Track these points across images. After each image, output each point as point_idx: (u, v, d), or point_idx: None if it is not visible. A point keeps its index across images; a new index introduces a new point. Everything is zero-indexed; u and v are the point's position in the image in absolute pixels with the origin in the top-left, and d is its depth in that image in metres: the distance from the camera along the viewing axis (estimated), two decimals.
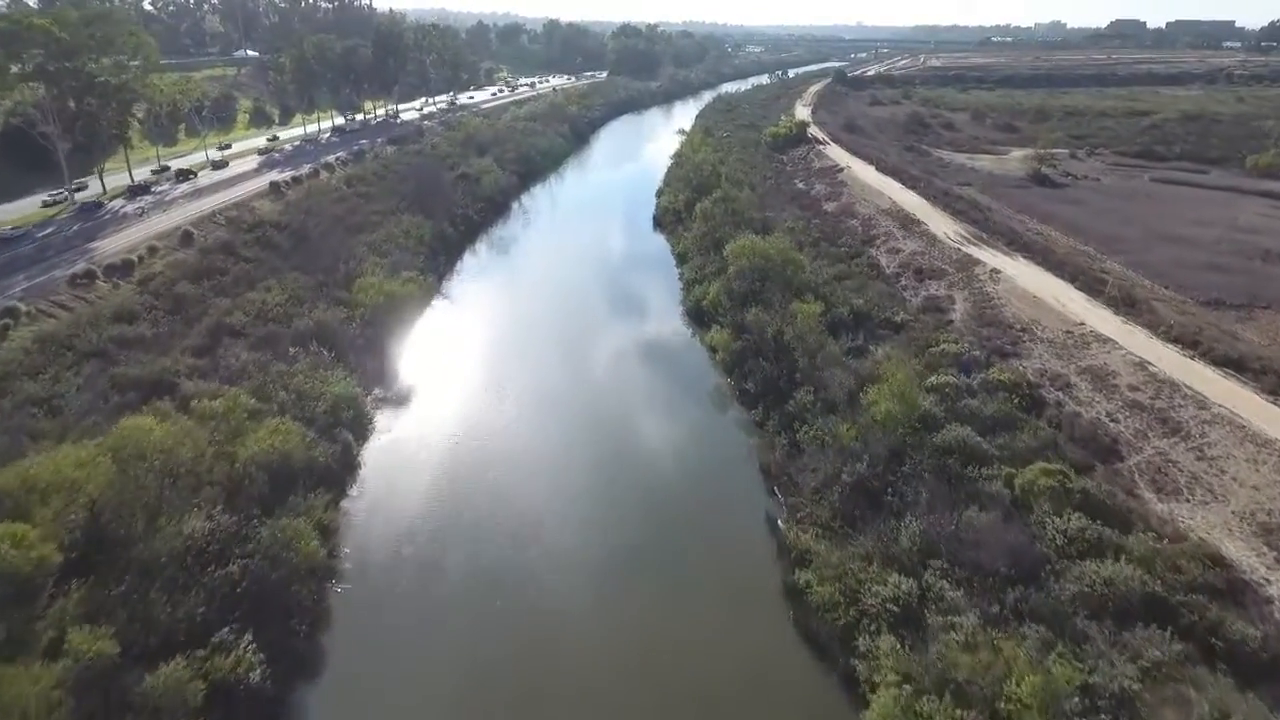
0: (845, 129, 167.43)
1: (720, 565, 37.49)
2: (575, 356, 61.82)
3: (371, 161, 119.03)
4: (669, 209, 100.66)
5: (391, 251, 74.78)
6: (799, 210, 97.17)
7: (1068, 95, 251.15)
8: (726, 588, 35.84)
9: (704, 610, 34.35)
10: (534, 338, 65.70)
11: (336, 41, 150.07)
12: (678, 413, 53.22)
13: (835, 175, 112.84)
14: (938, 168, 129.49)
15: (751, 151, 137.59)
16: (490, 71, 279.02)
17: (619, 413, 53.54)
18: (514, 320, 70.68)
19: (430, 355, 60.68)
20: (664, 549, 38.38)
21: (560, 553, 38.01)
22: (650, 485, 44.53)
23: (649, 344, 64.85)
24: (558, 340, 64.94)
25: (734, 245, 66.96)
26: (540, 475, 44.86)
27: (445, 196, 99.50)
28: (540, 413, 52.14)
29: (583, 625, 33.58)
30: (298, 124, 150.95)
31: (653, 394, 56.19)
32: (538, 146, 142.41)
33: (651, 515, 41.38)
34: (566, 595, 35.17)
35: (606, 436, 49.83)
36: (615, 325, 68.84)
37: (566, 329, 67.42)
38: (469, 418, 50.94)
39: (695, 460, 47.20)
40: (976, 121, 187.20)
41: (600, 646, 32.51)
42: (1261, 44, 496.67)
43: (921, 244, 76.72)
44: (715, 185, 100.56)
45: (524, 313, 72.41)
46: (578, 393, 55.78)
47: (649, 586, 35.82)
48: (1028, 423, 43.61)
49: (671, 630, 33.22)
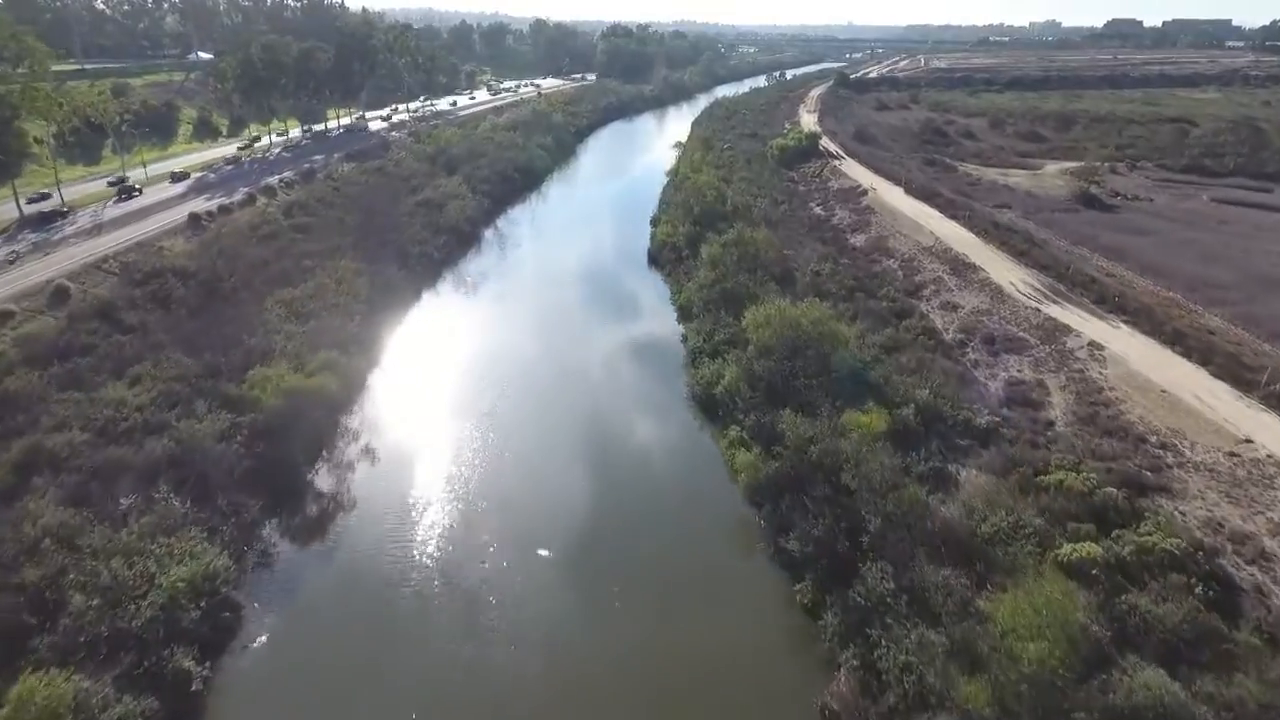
0: (857, 139, 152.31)
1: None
2: (546, 483, 44.53)
3: (321, 183, 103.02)
4: (667, 243, 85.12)
5: (317, 313, 58.64)
6: (820, 244, 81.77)
7: (1083, 98, 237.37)
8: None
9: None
10: (492, 448, 47.96)
11: (291, 44, 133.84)
12: (686, 586, 36.10)
13: (858, 198, 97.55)
14: (967, 186, 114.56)
15: (758, 168, 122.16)
16: (472, 75, 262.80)
17: (601, 596, 35.43)
18: (465, 420, 50.98)
19: (340, 489, 42.93)
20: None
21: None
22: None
23: (644, 451, 48.58)
24: (526, 455, 47.40)
25: (754, 314, 51.38)
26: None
27: (400, 230, 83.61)
28: (500, 589, 35.82)
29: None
30: (250, 134, 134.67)
31: (653, 542, 39.30)
32: (516, 162, 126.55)
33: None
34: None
35: (580, 642, 33.16)
36: (600, 422, 51.99)
37: (538, 432, 50.29)
38: (394, 606, 34.43)
39: (716, 680, 30.89)
40: (996, 129, 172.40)
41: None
42: (1266, 43, 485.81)
43: (984, 298, 61.37)
44: (721, 214, 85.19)
45: (481, 405, 53.00)
46: (541, 558, 39.79)
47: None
48: (1227, 639, 28.29)
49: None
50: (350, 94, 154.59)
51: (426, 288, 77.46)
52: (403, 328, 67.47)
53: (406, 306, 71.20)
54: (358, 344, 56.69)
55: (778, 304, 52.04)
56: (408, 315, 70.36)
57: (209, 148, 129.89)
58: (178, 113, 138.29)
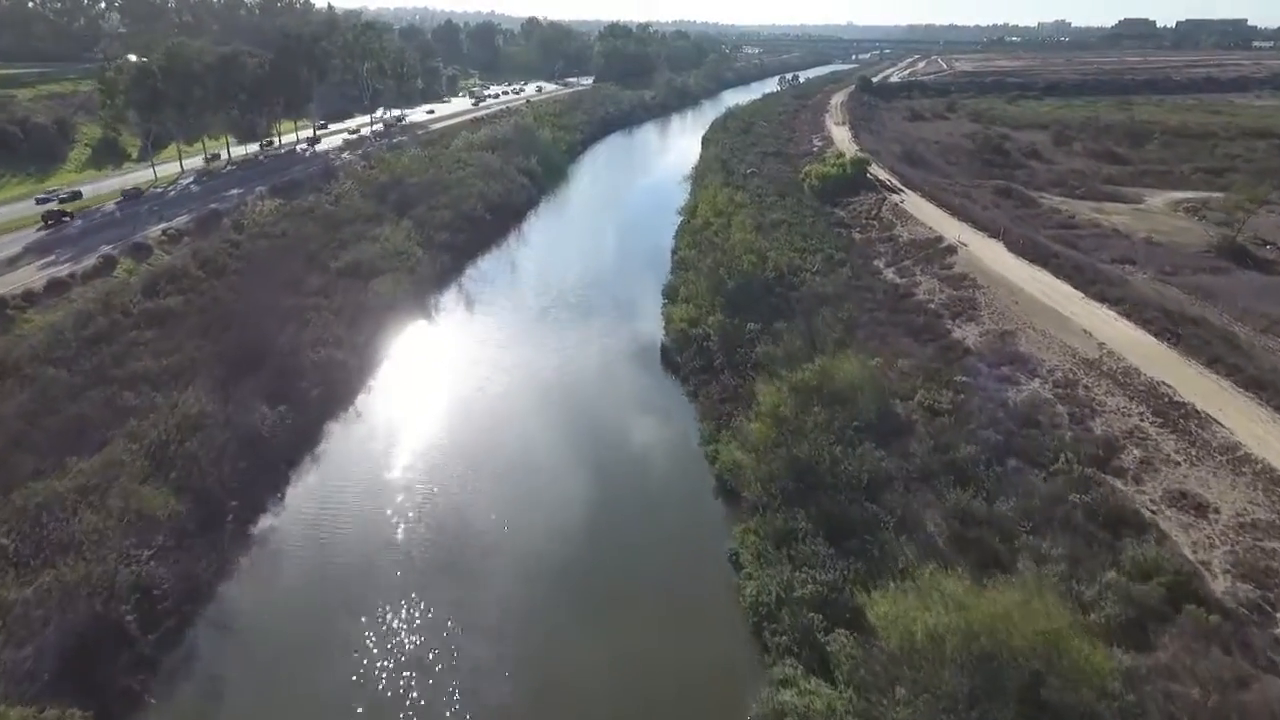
0: (906, 160, 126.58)
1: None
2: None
3: (220, 236, 77.11)
4: (686, 334, 59.33)
5: (67, 544, 32.51)
6: (911, 340, 55.88)
7: (1133, 105, 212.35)
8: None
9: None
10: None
11: (207, 48, 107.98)
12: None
13: (945, 257, 71.67)
14: (1064, 229, 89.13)
15: (792, 203, 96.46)
16: (454, 79, 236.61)
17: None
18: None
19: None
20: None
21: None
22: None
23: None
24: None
25: (878, 604, 25.82)
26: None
27: (301, 323, 57.28)
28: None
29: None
30: (172, 156, 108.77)
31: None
32: (490, 196, 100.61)
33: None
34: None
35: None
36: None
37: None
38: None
39: None
40: (1061, 146, 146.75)
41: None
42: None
43: (1253, 494, 35.63)
44: (763, 286, 59.67)
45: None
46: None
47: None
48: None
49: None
50: (293, 107, 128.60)
51: (299, 451, 45.84)
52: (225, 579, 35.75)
53: (250, 514, 39.84)
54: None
55: (930, 585, 26.16)
56: (233, 561, 36.89)
57: (108, 176, 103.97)
58: (73, 132, 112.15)
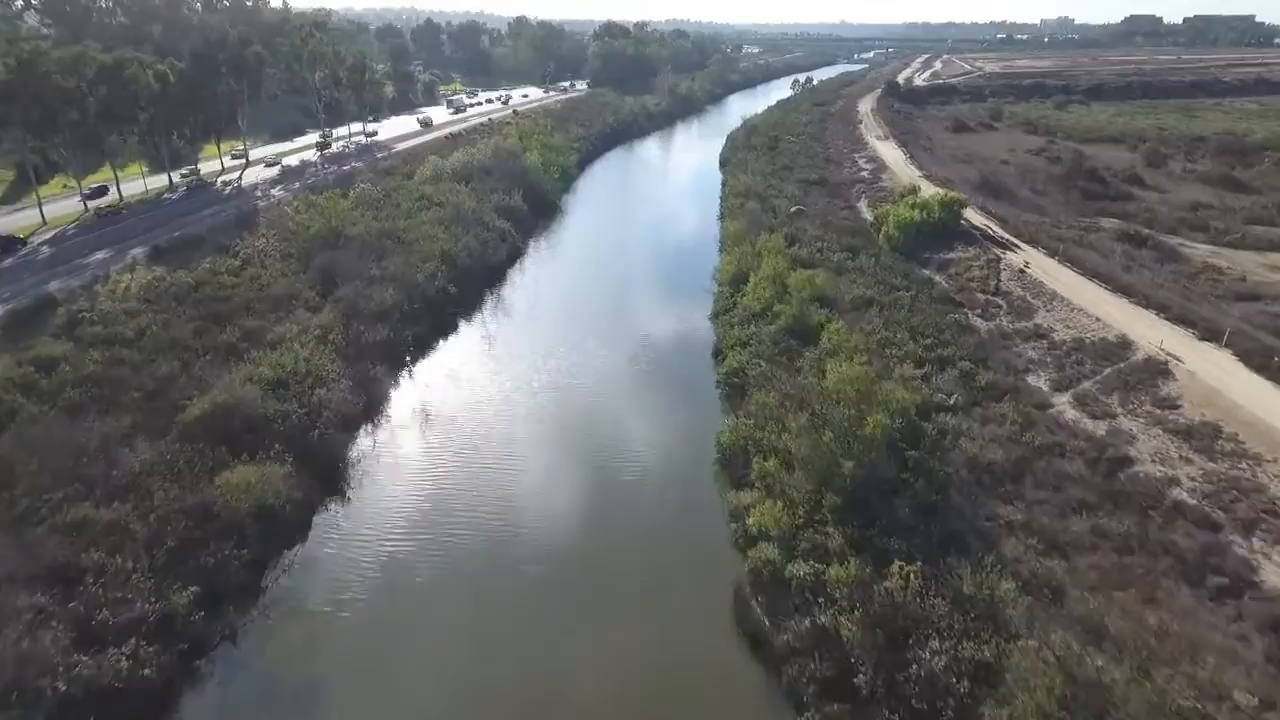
0: (984, 189, 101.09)
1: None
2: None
3: (39, 345, 50.60)
4: (778, 575, 33.49)
5: None
6: (1188, 589, 30.60)
7: (1198, 114, 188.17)
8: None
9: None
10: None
11: (90, 54, 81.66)
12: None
13: (1150, 380, 46.07)
14: (1247, 299, 63.92)
15: (872, 264, 70.48)
16: (431, 86, 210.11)
17: None
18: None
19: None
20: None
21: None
22: None
23: None
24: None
25: None
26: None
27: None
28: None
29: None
30: (55, 191, 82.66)
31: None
32: (456, 258, 74.48)
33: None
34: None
35: None
36: None
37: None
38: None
39: None
40: (1157, 167, 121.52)
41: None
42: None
43: None
44: (897, 459, 33.96)
45: None
46: None
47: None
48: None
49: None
50: (214, 127, 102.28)
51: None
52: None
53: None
54: None
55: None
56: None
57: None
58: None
